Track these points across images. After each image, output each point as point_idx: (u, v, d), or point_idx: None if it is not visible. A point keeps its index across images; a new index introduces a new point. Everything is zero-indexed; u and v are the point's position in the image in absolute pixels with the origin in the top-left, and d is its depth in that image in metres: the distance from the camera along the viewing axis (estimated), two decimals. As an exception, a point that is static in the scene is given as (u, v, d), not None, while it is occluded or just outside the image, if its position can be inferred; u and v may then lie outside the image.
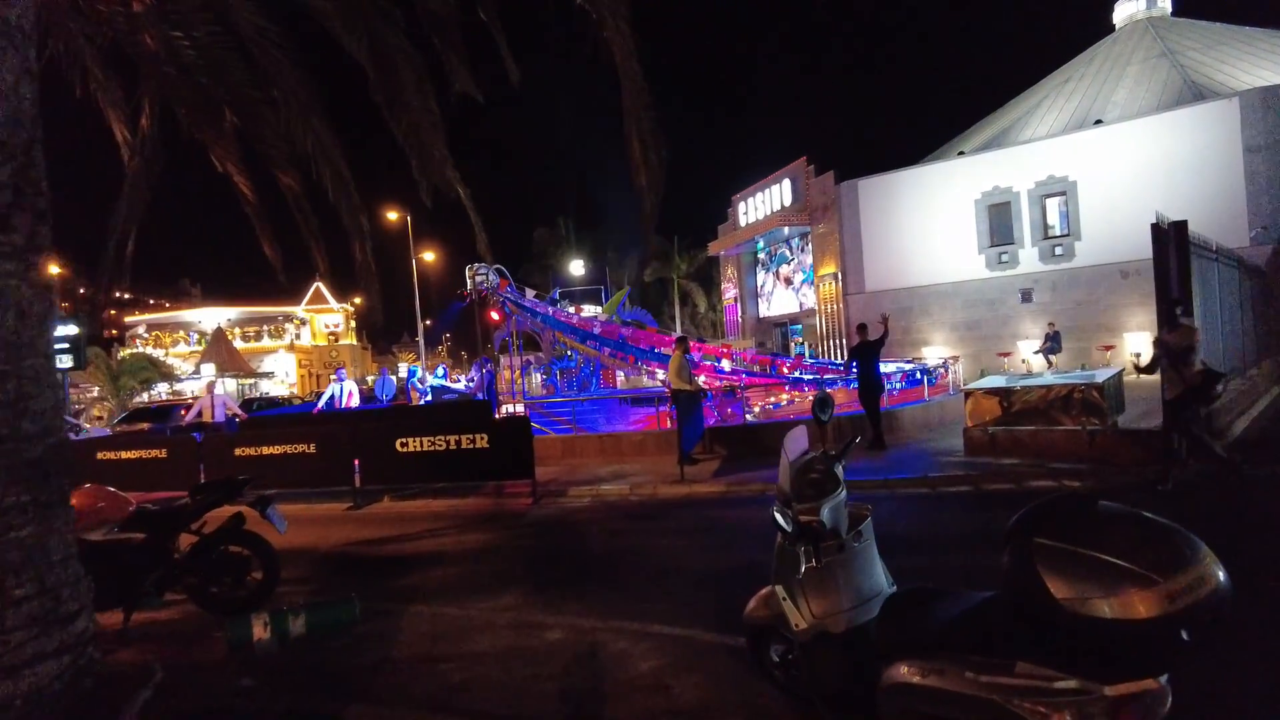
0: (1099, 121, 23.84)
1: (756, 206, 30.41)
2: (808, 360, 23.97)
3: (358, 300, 51.71)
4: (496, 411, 14.50)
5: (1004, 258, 23.07)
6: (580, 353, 20.65)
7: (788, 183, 28.25)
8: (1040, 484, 8.48)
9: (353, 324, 60.48)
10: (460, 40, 5.26)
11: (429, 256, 38.66)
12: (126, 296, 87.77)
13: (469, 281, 18.87)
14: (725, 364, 19.97)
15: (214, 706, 4.11)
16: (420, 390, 18.20)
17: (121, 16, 5.71)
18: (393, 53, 5.06)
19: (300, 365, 55.80)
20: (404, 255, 34.24)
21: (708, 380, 16.47)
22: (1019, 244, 22.77)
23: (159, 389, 41.47)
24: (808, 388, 15.73)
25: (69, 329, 19.10)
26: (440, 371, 21.51)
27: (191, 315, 60.59)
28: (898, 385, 15.76)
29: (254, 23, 5.43)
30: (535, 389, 23.57)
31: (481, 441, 9.94)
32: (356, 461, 10.36)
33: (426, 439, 10.11)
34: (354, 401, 15.53)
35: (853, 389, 12.39)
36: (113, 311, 79.05)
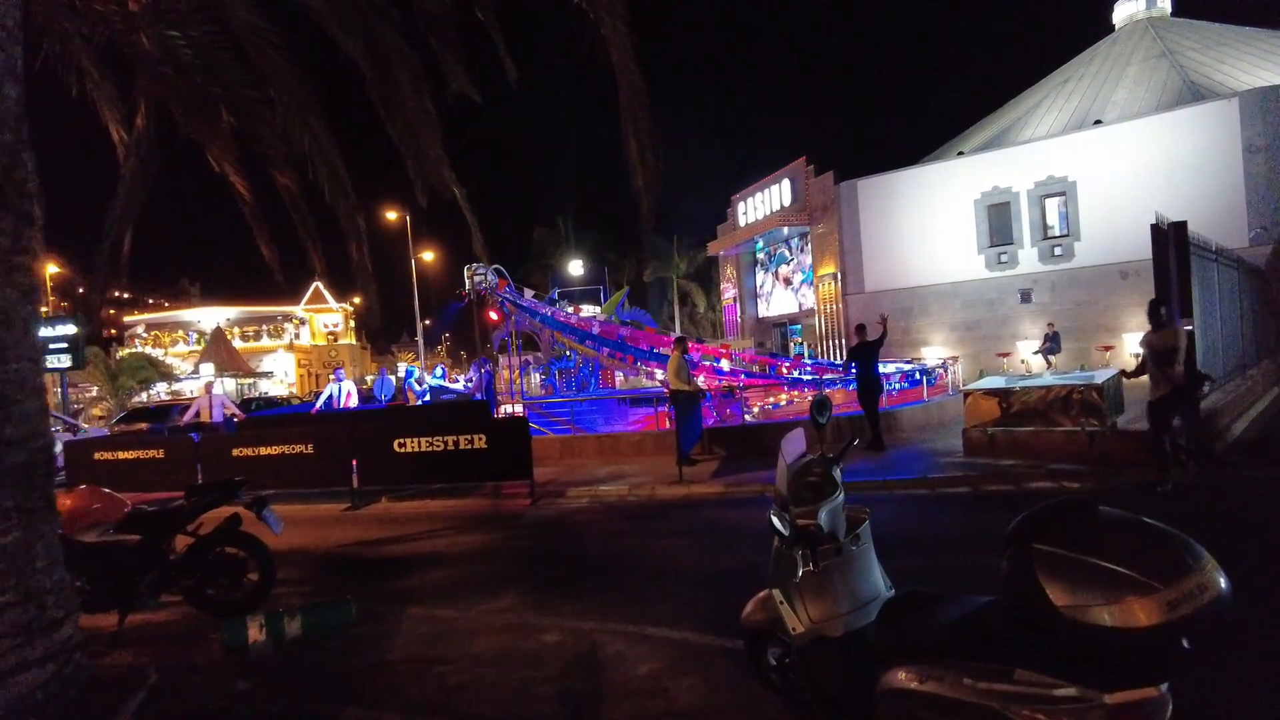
0: (1098, 122, 23.81)
1: (756, 206, 30.37)
2: (807, 361, 23.96)
3: (357, 300, 51.67)
4: (495, 412, 14.48)
5: (1003, 258, 23.05)
6: (579, 353, 20.64)
7: (787, 183, 28.21)
8: (1039, 485, 8.46)
9: (352, 324, 60.47)
10: (457, 40, 5.25)
11: (428, 256, 38.72)
12: (125, 296, 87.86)
13: (467, 281, 18.85)
14: (724, 364, 19.96)
15: (208, 709, 4.09)
16: (418, 392, 18.13)
17: (117, 16, 5.69)
18: (389, 52, 5.04)
19: (299, 365, 55.78)
20: (403, 255, 34.27)
21: (707, 381, 16.47)
22: (1018, 244, 22.74)
23: (158, 389, 41.43)
24: (807, 388, 15.72)
25: (67, 328, 19.12)
26: (439, 371, 21.46)
27: (190, 315, 60.61)
28: (897, 386, 15.76)
29: (250, 22, 5.41)
30: (534, 389, 23.57)
31: (480, 442, 9.92)
32: (354, 462, 10.35)
33: (424, 439, 10.09)
34: (352, 402, 15.50)
35: (852, 390, 12.39)
36: (112, 311, 79.05)
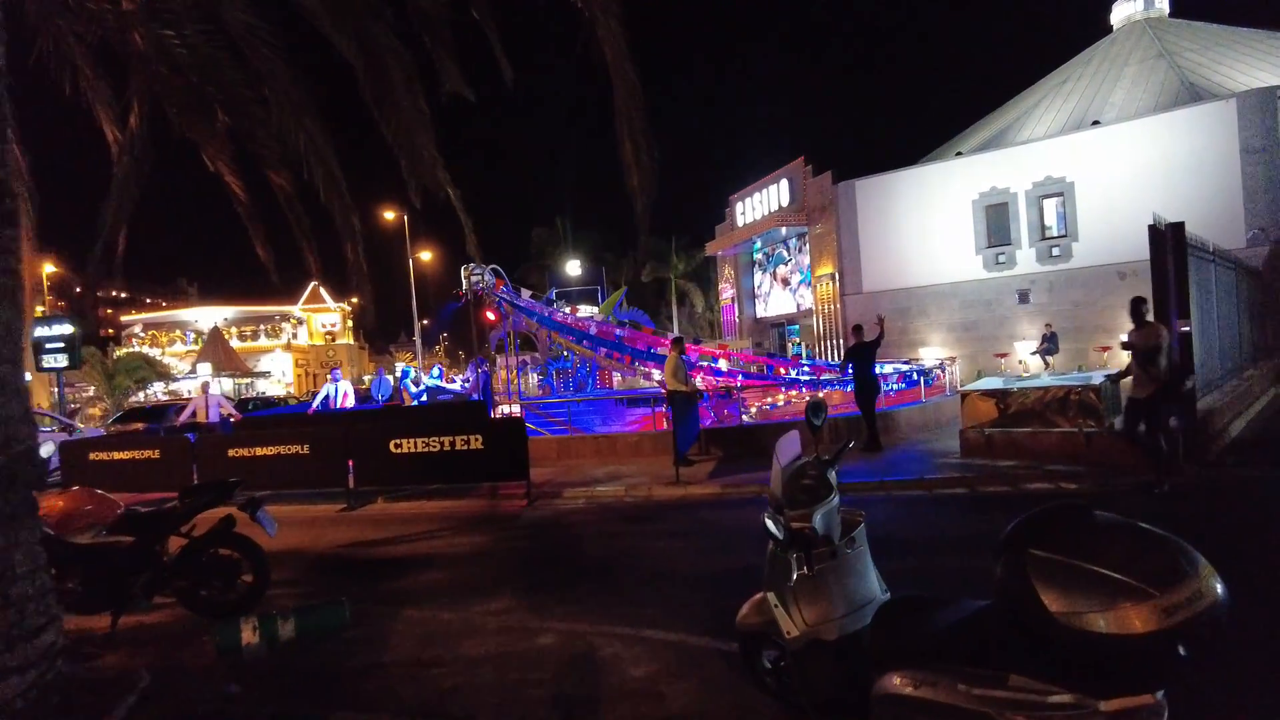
0: (1096, 122, 23.82)
1: (754, 207, 30.34)
2: (804, 361, 23.96)
3: (355, 300, 51.65)
4: (492, 412, 14.45)
5: (1001, 258, 23.05)
6: (576, 353, 20.62)
7: (785, 183, 28.19)
8: (1037, 486, 8.46)
9: (350, 323, 60.42)
10: (451, 39, 5.21)
11: (426, 256, 38.69)
12: (123, 296, 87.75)
13: (464, 281, 18.82)
14: (722, 364, 19.95)
15: (200, 713, 4.06)
16: (413, 393, 18.08)
17: (111, 15, 5.66)
18: (382, 52, 5.01)
19: (297, 365, 55.71)
20: (401, 255, 34.24)
21: (704, 381, 16.46)
22: (1016, 245, 22.75)
23: (155, 388, 41.37)
24: (804, 388, 15.71)
25: (64, 328, 19.07)
26: (436, 371, 21.41)
27: (188, 314, 60.53)
28: (894, 386, 15.75)
29: (245, 21, 5.38)
30: (531, 389, 23.53)
31: (476, 443, 9.90)
32: (350, 463, 10.32)
33: (421, 440, 10.06)
34: (349, 402, 15.46)
35: (849, 390, 12.38)
36: (109, 310, 79.01)
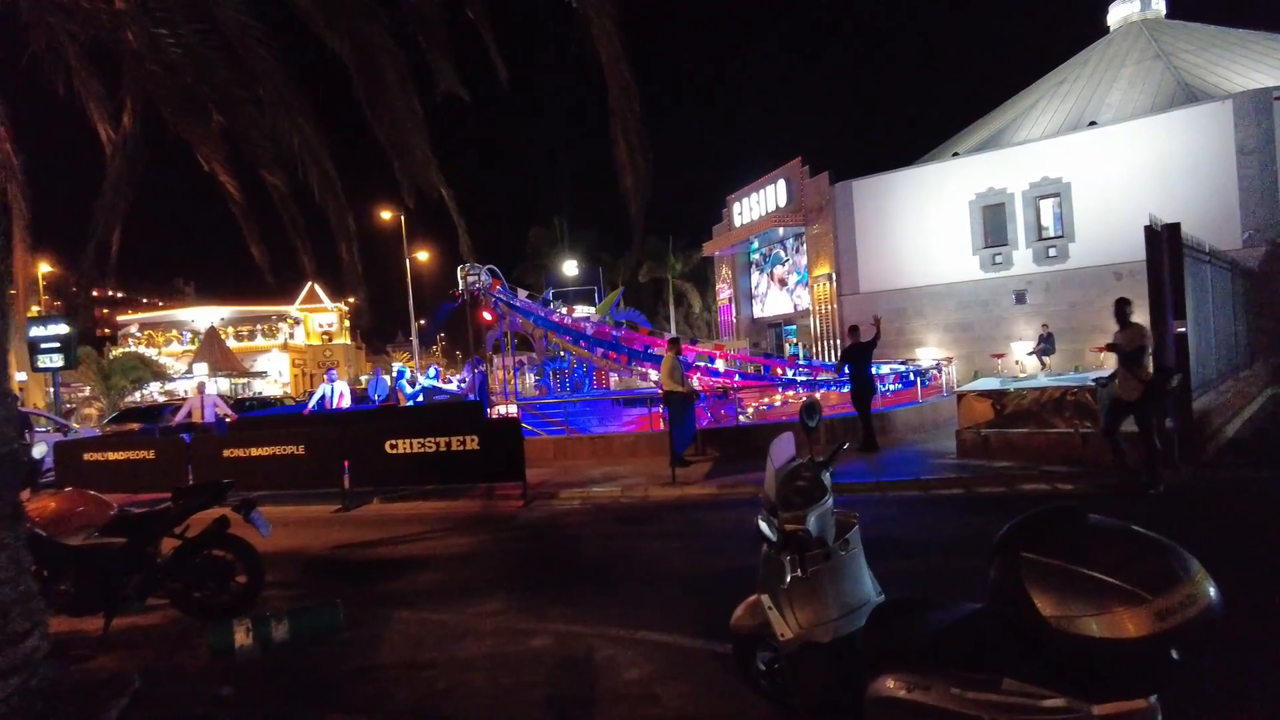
0: (1093, 123, 23.84)
1: (751, 207, 30.34)
2: (801, 361, 23.97)
3: (352, 300, 51.58)
4: (489, 412, 14.42)
5: (998, 259, 23.07)
6: (573, 354, 20.60)
7: (782, 183, 28.20)
8: (1033, 487, 8.46)
9: (347, 323, 60.38)
10: (446, 39, 5.19)
11: (423, 256, 38.62)
12: (119, 295, 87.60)
13: (461, 282, 18.80)
14: (719, 364, 19.94)
15: (192, 715, 4.04)
16: (408, 394, 18.03)
17: (104, 13, 5.62)
18: (376, 52, 4.98)
19: (294, 365, 55.69)
20: (398, 254, 34.19)
21: (701, 381, 16.45)
22: (1013, 245, 22.77)
23: (151, 388, 41.31)
24: (801, 389, 15.71)
25: (59, 328, 19.03)
26: (432, 372, 21.37)
27: (185, 314, 60.52)
28: (891, 387, 15.75)
29: (239, 21, 5.35)
30: (528, 390, 23.51)
31: (472, 443, 9.88)
32: (346, 463, 10.29)
33: (416, 440, 10.04)
34: (345, 402, 15.43)
35: (846, 391, 12.39)
36: (105, 310, 78.87)
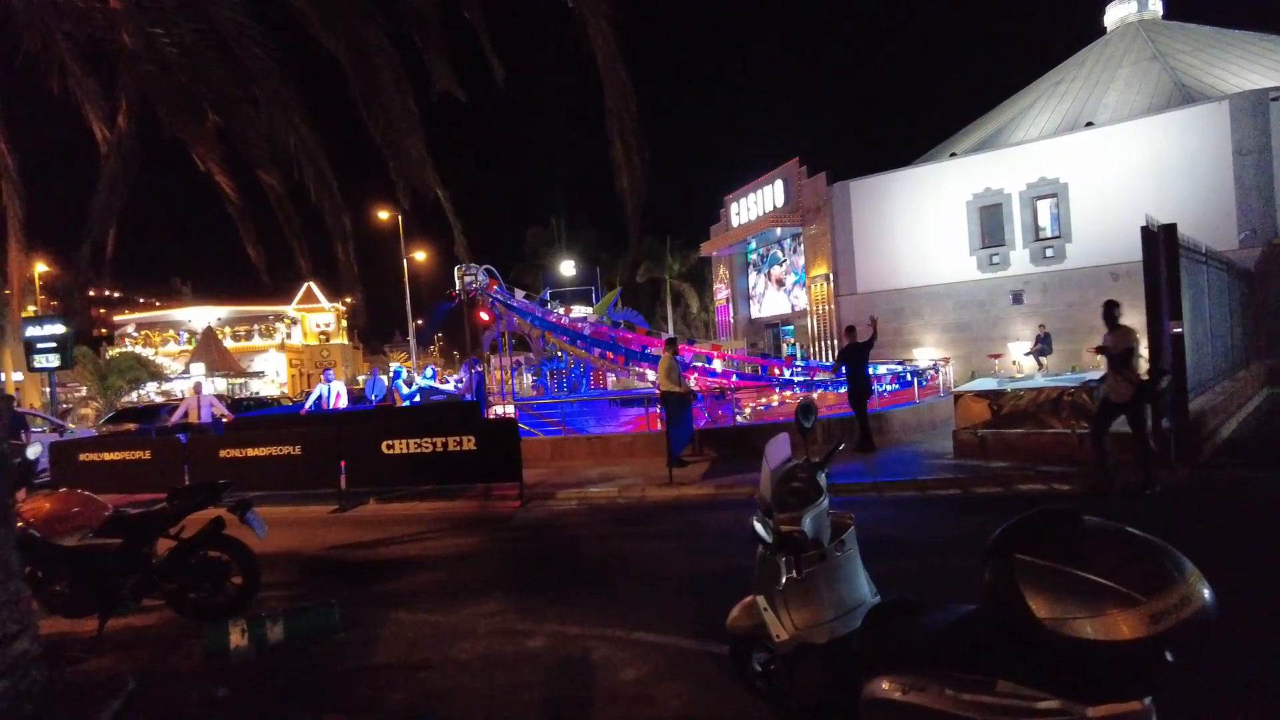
0: (1090, 124, 23.89)
1: (749, 207, 30.36)
2: (799, 362, 23.98)
3: (349, 300, 51.53)
4: (486, 412, 14.41)
5: (995, 259, 23.10)
6: (570, 354, 20.59)
7: (780, 183, 28.21)
8: (1029, 487, 8.47)
9: (344, 323, 60.29)
10: (443, 39, 5.18)
11: (420, 256, 38.57)
12: (116, 295, 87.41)
13: (458, 282, 18.78)
14: (717, 364, 19.94)
15: (186, 717, 4.03)
16: (404, 394, 18.00)
17: (99, 12, 5.61)
18: (371, 51, 4.96)
19: (291, 365, 55.61)
20: (395, 254, 34.14)
21: (698, 382, 16.45)
22: (1010, 246, 22.80)
23: (148, 388, 41.23)
24: (798, 389, 15.71)
25: (56, 328, 19.01)
26: (429, 372, 21.34)
27: (182, 314, 60.46)
28: (888, 387, 15.76)
29: (234, 20, 5.33)
30: (526, 390, 23.49)
31: (469, 443, 9.87)
32: (343, 464, 10.27)
33: (413, 441, 10.03)
34: (342, 403, 15.41)
35: (843, 392, 12.40)
36: (102, 310, 78.69)
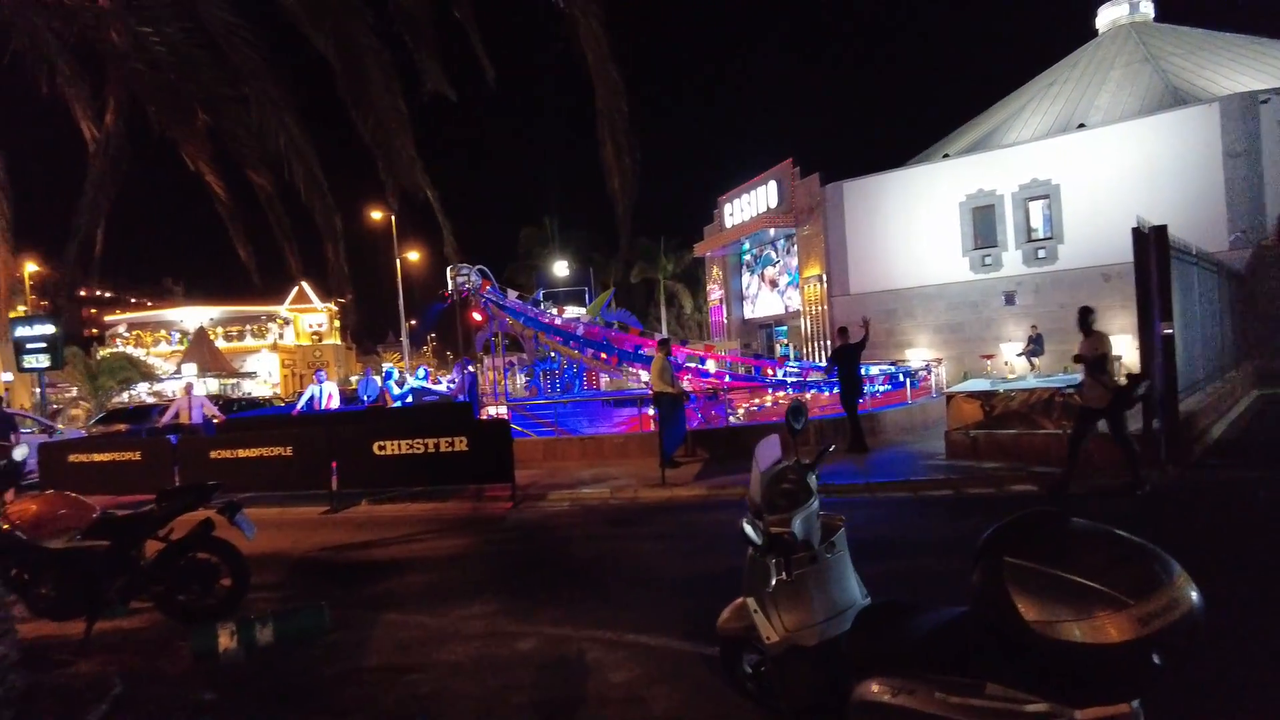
0: (1082, 125, 23.99)
1: (742, 208, 30.38)
2: (792, 362, 24.00)
3: (342, 300, 51.35)
4: (479, 413, 14.38)
5: (987, 260, 23.17)
6: (563, 354, 20.55)
7: (773, 184, 28.24)
8: (1021, 488, 8.49)
9: (337, 324, 60.13)
10: (433, 38, 5.16)
11: (414, 256, 38.43)
12: (107, 295, 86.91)
13: (450, 282, 18.71)
14: (710, 365, 19.94)
15: (173, 721, 4.00)
16: (395, 395, 17.94)
17: (88, 11, 5.57)
18: (361, 51, 4.94)
19: (284, 365, 55.47)
20: (388, 254, 34.03)
21: (692, 382, 16.44)
22: (1002, 247, 22.89)
23: (139, 389, 41.00)
24: (791, 390, 15.72)
25: (45, 328, 18.86)
26: (421, 373, 21.28)
27: (173, 314, 60.21)
28: (880, 388, 15.79)
29: (224, 19, 5.30)
30: (519, 390, 23.44)
31: (461, 444, 9.83)
32: (334, 465, 10.23)
33: (405, 442, 9.99)
34: (334, 403, 15.35)
35: (835, 393, 12.41)
36: (93, 310, 78.27)
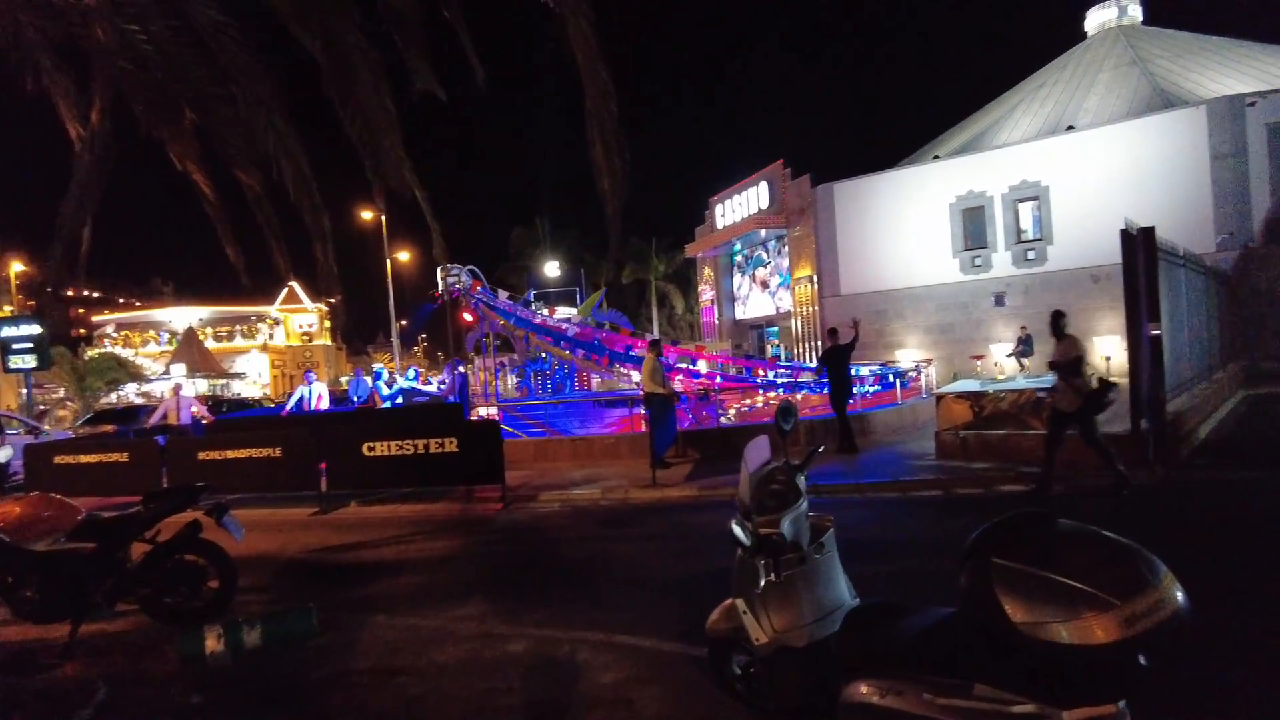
0: (1071, 127, 24.13)
1: (733, 209, 30.43)
2: (783, 363, 24.06)
3: (331, 300, 51.16)
4: (469, 414, 14.33)
5: (977, 261, 23.28)
6: (554, 355, 20.53)
7: (764, 185, 28.30)
8: (1010, 488, 8.51)
9: (327, 324, 59.89)
10: (423, 38, 5.13)
11: (404, 256, 38.33)
12: (95, 295, 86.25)
13: (441, 283, 18.66)
14: (702, 365, 19.96)
15: (159, 725, 3.97)
16: (384, 395, 17.85)
17: (74, 9, 5.52)
18: (348, 49, 4.90)
19: (273, 366, 55.18)
20: (378, 255, 33.90)
21: (683, 383, 16.45)
22: (992, 248, 23.00)
23: (127, 390, 40.72)
24: (782, 390, 15.75)
25: (31, 328, 18.71)
26: (412, 373, 21.19)
27: (162, 314, 59.86)
28: (870, 388, 15.83)
29: (211, 17, 5.26)
30: (510, 391, 23.41)
31: (451, 445, 9.80)
32: (323, 466, 10.17)
33: (394, 443, 9.95)
34: (323, 404, 15.27)
35: (825, 393, 12.44)
36: (81, 310, 77.64)
